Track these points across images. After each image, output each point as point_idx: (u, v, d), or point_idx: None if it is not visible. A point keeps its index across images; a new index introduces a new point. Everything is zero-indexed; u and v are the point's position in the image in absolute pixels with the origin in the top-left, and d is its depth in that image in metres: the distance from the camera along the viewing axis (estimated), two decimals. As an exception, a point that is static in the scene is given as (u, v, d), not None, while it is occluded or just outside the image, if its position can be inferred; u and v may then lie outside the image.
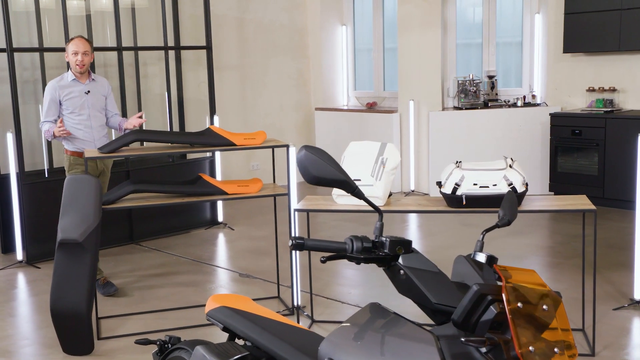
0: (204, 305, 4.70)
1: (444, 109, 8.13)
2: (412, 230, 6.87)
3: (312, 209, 4.16)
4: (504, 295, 1.60)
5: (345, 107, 9.29)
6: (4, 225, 6.05)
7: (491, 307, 1.62)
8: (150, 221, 6.52)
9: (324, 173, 1.86)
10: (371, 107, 8.81)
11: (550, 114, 7.41)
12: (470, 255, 1.97)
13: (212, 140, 4.41)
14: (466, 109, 7.89)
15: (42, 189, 5.91)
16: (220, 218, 7.04)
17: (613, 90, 7.26)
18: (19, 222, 5.81)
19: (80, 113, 5.00)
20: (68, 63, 5.04)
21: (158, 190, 4.45)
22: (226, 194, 4.49)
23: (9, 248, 6.04)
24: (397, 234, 1.89)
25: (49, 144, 6.22)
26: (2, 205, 6.01)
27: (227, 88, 8.34)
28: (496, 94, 8.06)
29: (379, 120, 8.51)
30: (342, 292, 5.02)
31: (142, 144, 5.99)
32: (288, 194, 4.47)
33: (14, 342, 4.31)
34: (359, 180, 3.88)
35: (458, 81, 7.98)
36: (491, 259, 1.94)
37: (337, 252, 1.81)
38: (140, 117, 5.10)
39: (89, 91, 5.04)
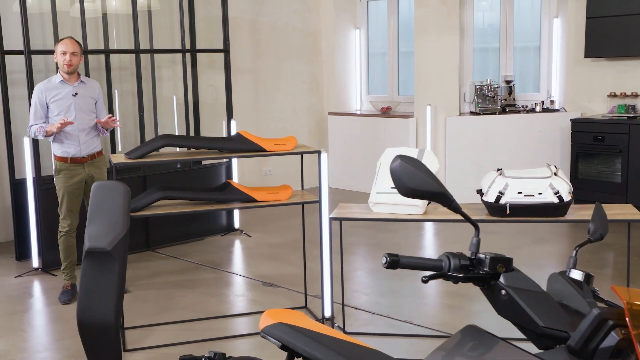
0: (229, 316, 4.66)
1: (461, 114, 8.01)
2: (429, 238, 6.71)
3: (348, 217, 4.03)
4: (627, 320, 1.47)
5: (359, 112, 9.15)
6: (19, 231, 5.88)
7: (612, 332, 1.50)
8: (166, 228, 6.37)
9: (420, 185, 1.72)
10: (386, 112, 8.68)
11: (571, 120, 7.29)
12: (565, 273, 1.84)
13: (243, 145, 4.27)
14: (484, 114, 7.78)
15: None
16: (236, 224, 6.90)
17: (635, 95, 7.15)
18: (34, 228, 5.64)
19: (67, 116, 4.87)
20: (57, 64, 4.95)
21: (188, 197, 4.30)
22: (256, 201, 4.34)
23: (25, 255, 5.86)
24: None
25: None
26: (18, 211, 5.84)
27: (240, 91, 8.20)
28: (514, 99, 7.95)
29: (395, 125, 8.38)
30: (369, 301, 4.89)
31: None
32: (319, 202, 4.33)
33: (32, 354, 4.16)
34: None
35: (475, 86, 7.86)
36: (588, 277, 1.82)
37: (434, 270, 1.68)
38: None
39: (76, 93, 4.93)
